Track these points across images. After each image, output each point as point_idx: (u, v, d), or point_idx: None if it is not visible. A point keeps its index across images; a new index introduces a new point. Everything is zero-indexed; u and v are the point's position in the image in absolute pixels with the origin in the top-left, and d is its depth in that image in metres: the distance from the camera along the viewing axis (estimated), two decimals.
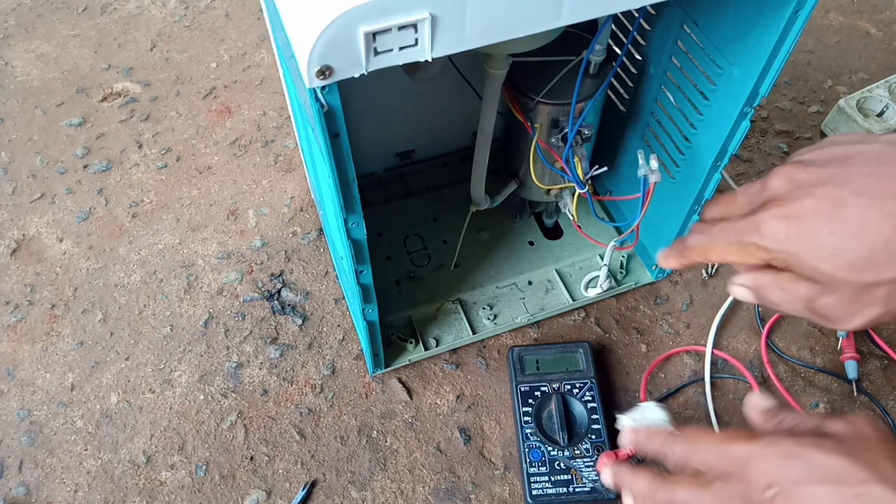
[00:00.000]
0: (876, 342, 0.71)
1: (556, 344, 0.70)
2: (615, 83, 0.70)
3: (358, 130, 0.75)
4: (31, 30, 1.05)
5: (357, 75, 0.37)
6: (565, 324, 0.74)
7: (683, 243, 0.44)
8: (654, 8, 0.61)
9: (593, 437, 0.63)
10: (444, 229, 0.79)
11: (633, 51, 0.65)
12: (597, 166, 0.64)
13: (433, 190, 0.82)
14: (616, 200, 0.79)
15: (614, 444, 0.62)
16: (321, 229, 0.81)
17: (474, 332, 0.71)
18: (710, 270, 0.77)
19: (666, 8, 0.60)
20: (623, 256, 0.77)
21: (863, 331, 0.72)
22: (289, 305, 0.75)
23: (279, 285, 0.77)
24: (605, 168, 0.64)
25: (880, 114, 0.86)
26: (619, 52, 0.64)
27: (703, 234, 0.42)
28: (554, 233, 0.80)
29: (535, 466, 0.62)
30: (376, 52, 0.37)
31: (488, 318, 0.72)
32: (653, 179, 0.58)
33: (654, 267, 0.75)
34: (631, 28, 0.59)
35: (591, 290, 0.74)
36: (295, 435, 0.67)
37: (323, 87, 0.37)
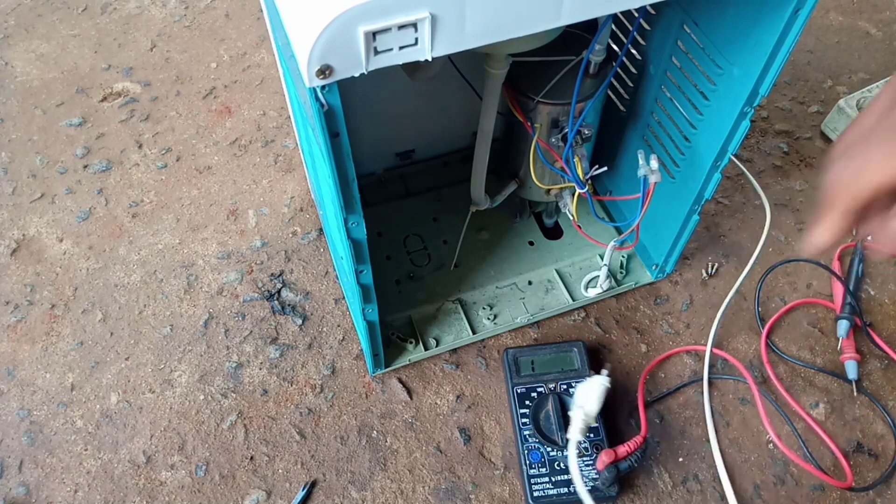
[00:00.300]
0: (876, 342, 0.71)
1: (551, 344, 0.70)
2: (615, 83, 0.70)
3: (358, 130, 0.75)
4: (31, 30, 1.05)
5: (357, 75, 0.37)
6: (565, 324, 0.74)
7: (826, 195, 0.36)
8: (654, 8, 0.61)
9: (591, 435, 0.63)
10: (444, 229, 0.79)
11: (633, 51, 0.65)
12: (597, 166, 0.64)
13: (433, 190, 0.82)
14: (616, 200, 0.79)
15: (613, 442, 0.62)
16: (321, 229, 0.81)
17: (474, 332, 0.71)
18: (710, 270, 0.77)
19: (666, 8, 0.60)
20: (623, 256, 0.77)
21: (863, 331, 0.72)
22: (289, 305, 0.75)
23: (279, 285, 0.77)
24: (605, 168, 0.64)
25: None
26: (619, 52, 0.64)
27: (843, 159, 0.35)
28: (554, 233, 0.80)
29: (535, 468, 0.62)
30: (376, 52, 0.37)
31: (488, 318, 0.72)
32: (653, 179, 0.58)
33: (653, 267, 0.75)
34: (631, 28, 0.59)
35: (591, 290, 0.74)
36: (295, 435, 0.67)
37: (323, 87, 0.38)
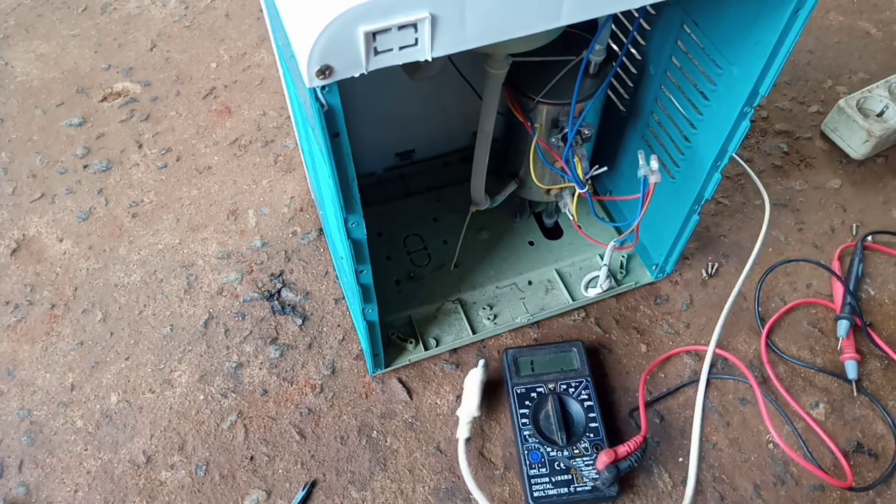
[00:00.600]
0: (876, 342, 0.71)
1: (551, 344, 0.70)
2: (615, 83, 0.70)
3: (358, 130, 0.75)
4: (31, 30, 1.05)
5: (357, 75, 0.37)
6: (565, 324, 0.74)
7: None
8: (654, 8, 0.61)
9: (591, 435, 0.63)
10: (444, 229, 0.79)
11: (633, 51, 0.65)
12: (597, 166, 0.64)
13: (433, 190, 0.82)
14: (616, 200, 0.79)
15: (613, 442, 0.62)
16: (321, 229, 0.81)
17: (474, 332, 0.71)
18: (710, 270, 0.77)
19: (666, 8, 0.60)
20: (623, 256, 0.77)
21: (862, 331, 0.72)
22: (289, 305, 0.75)
23: (279, 285, 0.77)
24: (605, 168, 0.64)
25: (880, 114, 0.86)
26: (619, 52, 0.64)
27: None
28: (554, 233, 0.80)
29: (535, 468, 0.62)
30: (376, 52, 0.37)
31: (488, 318, 0.72)
32: (653, 179, 0.58)
33: (653, 267, 0.75)
34: (631, 28, 0.59)
35: (591, 290, 0.74)
36: (295, 435, 0.67)
37: (323, 87, 0.38)
